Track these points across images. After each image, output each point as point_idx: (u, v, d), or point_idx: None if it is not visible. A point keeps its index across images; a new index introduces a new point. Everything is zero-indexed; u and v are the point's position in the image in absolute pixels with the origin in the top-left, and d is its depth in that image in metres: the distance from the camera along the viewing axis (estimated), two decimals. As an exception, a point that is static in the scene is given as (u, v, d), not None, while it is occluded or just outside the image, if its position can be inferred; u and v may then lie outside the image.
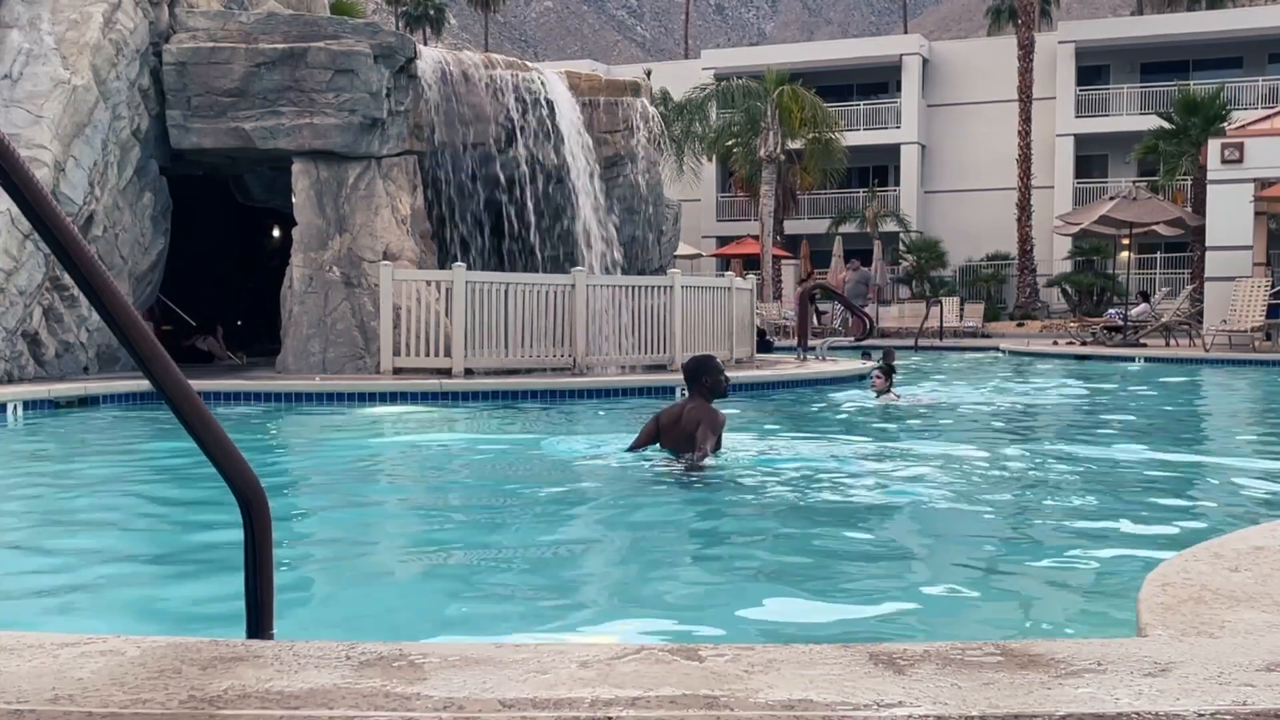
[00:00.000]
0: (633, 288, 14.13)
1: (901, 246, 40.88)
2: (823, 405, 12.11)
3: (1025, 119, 37.74)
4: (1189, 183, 31.74)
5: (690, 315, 14.50)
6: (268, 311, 14.77)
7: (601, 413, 11.36)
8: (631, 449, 7.38)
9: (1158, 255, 38.87)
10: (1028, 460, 8.27)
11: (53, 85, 11.83)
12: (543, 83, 15.01)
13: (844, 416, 11.06)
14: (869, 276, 30.85)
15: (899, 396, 11.92)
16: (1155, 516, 5.86)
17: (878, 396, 11.74)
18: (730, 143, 37.55)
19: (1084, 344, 23.49)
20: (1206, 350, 20.43)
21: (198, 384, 10.04)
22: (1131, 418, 11.63)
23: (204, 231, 15.87)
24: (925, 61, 43.76)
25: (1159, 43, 41.05)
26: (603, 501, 6.40)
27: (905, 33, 63.63)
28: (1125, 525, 5.61)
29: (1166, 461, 8.08)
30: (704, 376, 7.22)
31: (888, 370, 11.94)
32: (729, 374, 7.61)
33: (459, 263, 13.33)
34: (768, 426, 10.03)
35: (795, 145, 36.83)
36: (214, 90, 13.10)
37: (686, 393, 7.43)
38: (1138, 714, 1.74)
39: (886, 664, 2.00)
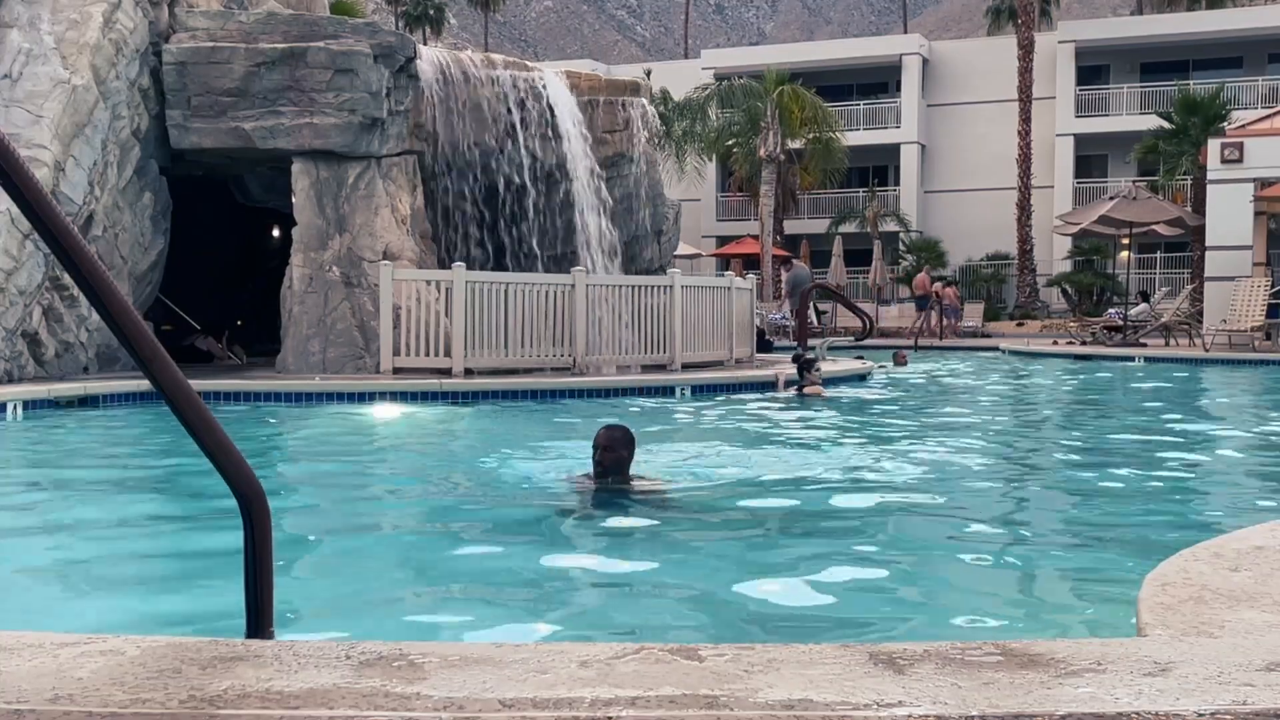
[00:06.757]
0: (633, 287, 14.12)
1: (901, 246, 40.88)
2: (821, 404, 12.11)
3: (1025, 119, 37.75)
4: (1189, 183, 31.75)
5: (690, 315, 14.50)
6: (268, 311, 14.76)
7: (601, 412, 11.35)
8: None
9: (1158, 255, 38.90)
10: (1027, 460, 8.28)
11: (53, 85, 11.83)
12: (543, 83, 15.01)
13: (842, 416, 11.06)
14: (803, 278, 22.05)
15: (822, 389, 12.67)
16: (1155, 516, 5.86)
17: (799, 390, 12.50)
18: (730, 143, 37.57)
19: (1084, 344, 23.48)
20: (1206, 350, 20.42)
21: (198, 384, 10.04)
22: (1131, 417, 11.63)
23: (204, 231, 15.86)
24: (925, 61, 43.75)
25: (1159, 43, 41.06)
26: (602, 501, 6.39)
27: (905, 33, 63.66)
28: (1125, 525, 5.61)
29: (1166, 461, 8.07)
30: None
31: (804, 366, 12.73)
32: (727, 373, 7.55)
33: (459, 263, 13.33)
34: (765, 426, 10.04)
35: (795, 145, 36.85)
36: (214, 90, 13.10)
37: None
38: (1138, 714, 1.74)
39: (886, 664, 2.00)
